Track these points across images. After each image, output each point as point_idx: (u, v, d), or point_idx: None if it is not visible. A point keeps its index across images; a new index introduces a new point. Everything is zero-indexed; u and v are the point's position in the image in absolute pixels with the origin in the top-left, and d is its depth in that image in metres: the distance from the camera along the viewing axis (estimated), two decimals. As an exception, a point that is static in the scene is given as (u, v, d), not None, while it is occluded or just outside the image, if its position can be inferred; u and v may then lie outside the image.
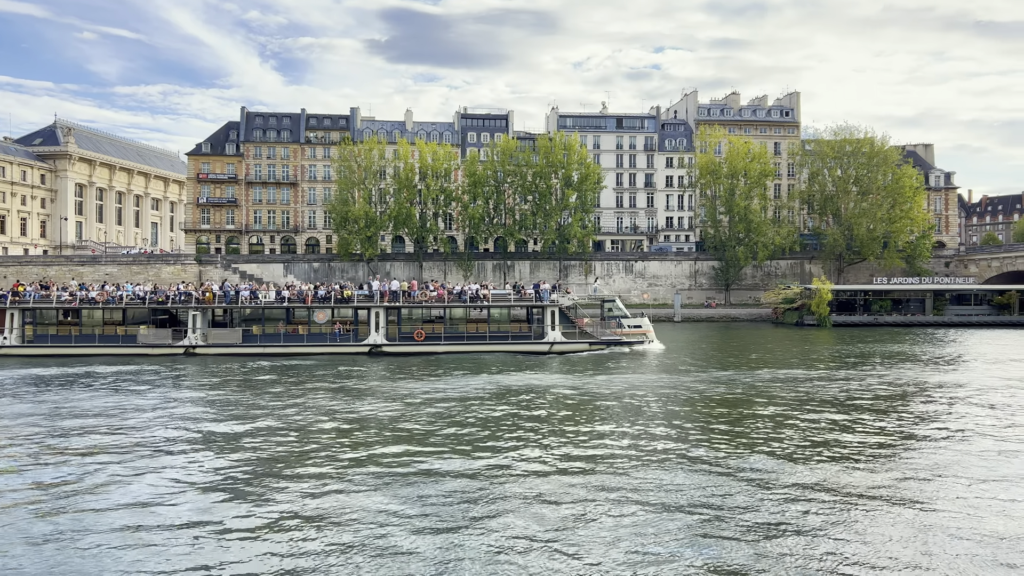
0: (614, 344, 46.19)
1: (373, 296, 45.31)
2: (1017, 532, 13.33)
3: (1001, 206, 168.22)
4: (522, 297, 46.77)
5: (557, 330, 45.50)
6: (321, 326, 45.27)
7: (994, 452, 19.33)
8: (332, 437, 21.48)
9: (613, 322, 47.45)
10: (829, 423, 23.33)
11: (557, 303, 46.09)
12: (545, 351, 44.72)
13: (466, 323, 46.18)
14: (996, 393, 29.56)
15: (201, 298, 45.64)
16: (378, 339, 44.45)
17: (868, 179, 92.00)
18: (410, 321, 46.76)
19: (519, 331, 45.99)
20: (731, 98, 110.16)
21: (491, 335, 45.01)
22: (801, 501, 15.09)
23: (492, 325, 45.70)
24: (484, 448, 19.90)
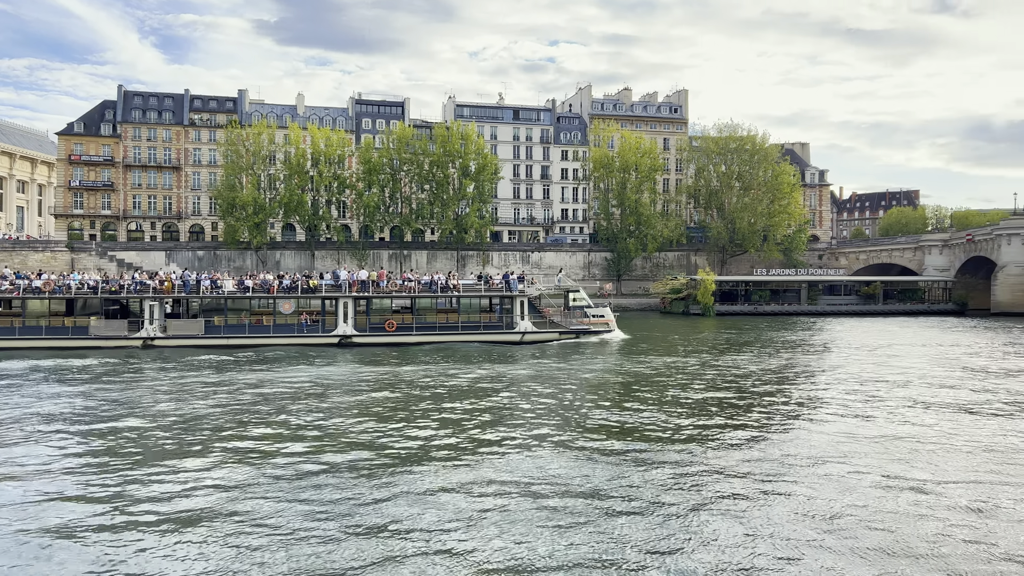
0: (583, 333, 47.04)
1: (341, 286, 44.24)
2: (869, 507, 14.40)
3: (868, 203, 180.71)
4: (491, 287, 47.00)
5: (527, 320, 45.79)
6: (287, 317, 44.03)
7: (859, 431, 20.80)
8: (296, 428, 20.70)
9: (578, 312, 48.30)
10: (730, 406, 24.45)
11: (526, 293, 46.39)
12: (517, 341, 44.87)
13: (436, 313, 46.02)
14: (862, 377, 31.78)
15: (159, 287, 43.39)
16: (348, 330, 43.60)
17: (750, 175, 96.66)
18: (379, 311, 46.16)
19: (490, 321, 46.04)
20: (623, 93, 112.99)
21: (463, 325, 44.87)
22: (694, 482, 15.74)
23: (463, 315, 45.66)
24: (444, 444, 19.70)
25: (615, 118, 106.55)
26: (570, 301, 49.41)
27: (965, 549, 12.09)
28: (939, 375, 32.17)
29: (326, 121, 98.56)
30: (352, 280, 44.57)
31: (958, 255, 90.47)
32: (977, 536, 12.61)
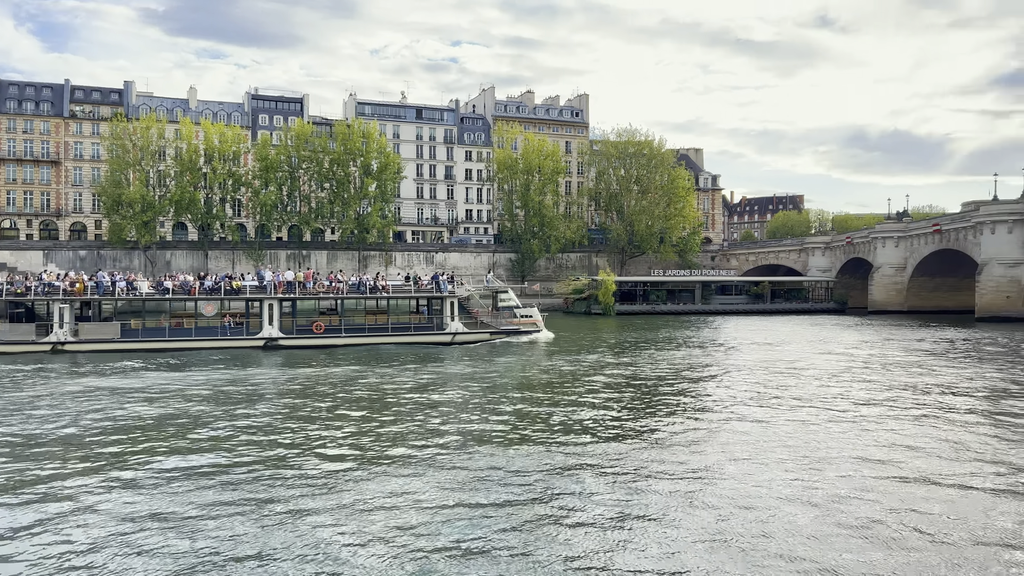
0: (513, 333, 46.86)
1: (266, 287, 42.75)
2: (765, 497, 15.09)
3: (757, 207, 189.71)
4: (420, 288, 46.44)
5: (457, 320, 45.37)
6: (209, 319, 42.32)
7: (752, 425, 21.75)
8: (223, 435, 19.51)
9: (507, 312, 48.24)
10: (640, 403, 25.02)
11: (456, 294, 46.10)
12: (448, 342, 44.41)
13: (365, 315, 45.30)
14: (752, 372, 33.29)
15: (69, 289, 40.54)
16: (273, 332, 42.06)
17: (648, 179, 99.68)
18: (305, 313, 44.87)
19: (420, 322, 45.49)
20: (526, 96, 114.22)
21: (393, 327, 44.32)
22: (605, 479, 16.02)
23: (392, 317, 45.16)
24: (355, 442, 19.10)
25: (518, 120, 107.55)
26: (499, 302, 49.37)
27: (858, 539, 12.81)
28: (825, 369, 34.07)
29: (220, 116, 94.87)
30: (278, 281, 43.41)
31: (839, 257, 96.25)
32: (866, 522, 13.41)
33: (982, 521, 13.17)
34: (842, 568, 11.18)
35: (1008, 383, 29.48)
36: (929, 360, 37.59)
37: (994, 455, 17.82)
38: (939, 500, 14.36)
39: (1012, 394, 26.83)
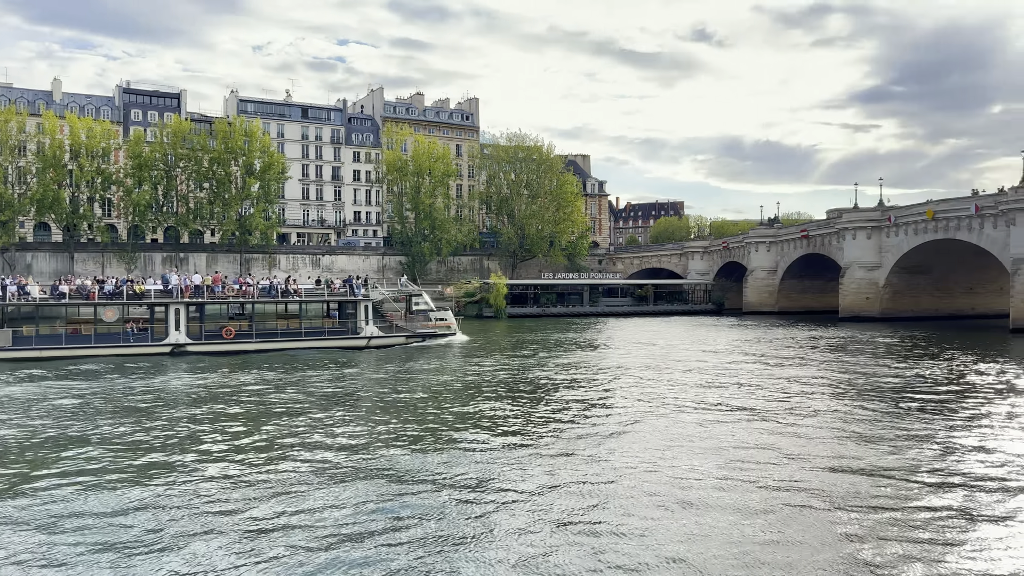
0: (429, 337, 46.80)
1: (172, 291, 41.12)
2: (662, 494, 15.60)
3: (641, 212, 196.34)
4: (333, 291, 45.58)
5: (371, 324, 44.90)
6: (110, 325, 40.37)
7: (638, 422, 22.45)
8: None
9: (421, 315, 48.20)
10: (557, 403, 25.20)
11: (370, 297, 45.65)
12: (363, 346, 43.78)
13: (277, 319, 44.24)
14: (639, 371, 34.39)
15: None
16: (180, 338, 40.46)
17: (537, 184, 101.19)
18: (214, 318, 43.59)
19: (334, 326, 44.77)
20: (416, 98, 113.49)
21: (307, 331, 43.33)
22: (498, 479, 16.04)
23: (305, 321, 44.27)
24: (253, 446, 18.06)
25: (408, 122, 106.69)
26: (413, 305, 49.31)
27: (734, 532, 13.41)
28: (704, 366, 35.63)
29: (88, 110, 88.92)
30: (184, 285, 41.82)
31: (716, 260, 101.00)
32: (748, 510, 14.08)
33: (847, 509, 14.11)
34: (704, 560, 11.68)
35: (867, 378, 31.79)
36: (797, 357, 40.03)
37: (852, 446, 19.15)
38: (803, 491, 15.28)
39: (869, 388, 28.95)
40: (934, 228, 65.26)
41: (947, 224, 63.73)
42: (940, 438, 19.79)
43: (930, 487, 15.38)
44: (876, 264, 72.14)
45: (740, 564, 11.40)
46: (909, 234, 68.48)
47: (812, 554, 11.80)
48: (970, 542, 12.35)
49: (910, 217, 68.41)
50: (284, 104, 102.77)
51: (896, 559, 11.62)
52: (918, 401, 25.57)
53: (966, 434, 20.33)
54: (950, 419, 22.36)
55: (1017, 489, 15.25)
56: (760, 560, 11.55)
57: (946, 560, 11.61)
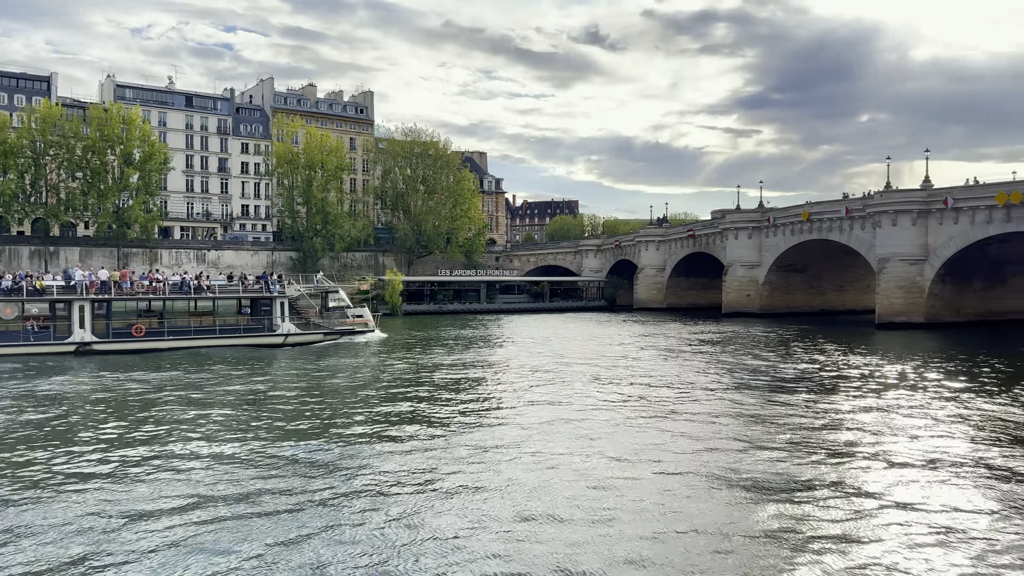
0: (347, 334, 46.24)
1: (75, 287, 39.26)
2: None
3: (537, 210, 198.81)
4: (248, 288, 45.02)
5: (288, 321, 44.28)
6: (8, 323, 38.48)
7: (538, 420, 22.73)
8: None
9: (338, 312, 47.73)
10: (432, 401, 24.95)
11: (286, 294, 45.08)
12: (280, 343, 43.12)
13: (189, 316, 43.23)
14: (537, 366, 34.83)
15: None
16: (86, 336, 38.80)
17: (434, 180, 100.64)
18: (122, 315, 41.62)
19: (249, 323, 43.79)
20: (308, 89, 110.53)
21: (221, 329, 42.47)
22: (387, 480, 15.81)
23: (219, 318, 43.27)
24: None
25: (300, 113, 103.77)
26: (329, 302, 48.65)
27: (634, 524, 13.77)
28: (600, 359, 36.50)
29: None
30: (89, 281, 39.78)
31: (609, 258, 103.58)
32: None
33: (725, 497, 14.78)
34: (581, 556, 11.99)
35: (748, 370, 33.42)
36: (684, 351, 41.61)
37: (736, 432, 20.10)
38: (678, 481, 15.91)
39: (750, 379, 30.46)
40: (809, 229, 69.26)
41: (820, 225, 67.79)
42: (811, 422, 21.06)
43: (802, 464, 16.32)
44: (756, 263, 75.88)
45: (621, 552, 11.72)
46: (786, 234, 72.40)
47: (706, 540, 12.27)
48: (841, 522, 13.18)
49: (787, 218, 72.33)
50: (166, 91, 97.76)
51: (787, 542, 12.24)
52: (792, 390, 27.09)
53: (834, 418, 21.71)
54: (821, 406, 23.82)
55: (878, 465, 16.40)
56: (649, 546, 11.90)
57: (822, 541, 12.33)
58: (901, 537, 12.39)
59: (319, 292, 49.96)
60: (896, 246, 58.13)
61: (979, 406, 24.04)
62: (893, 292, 58.12)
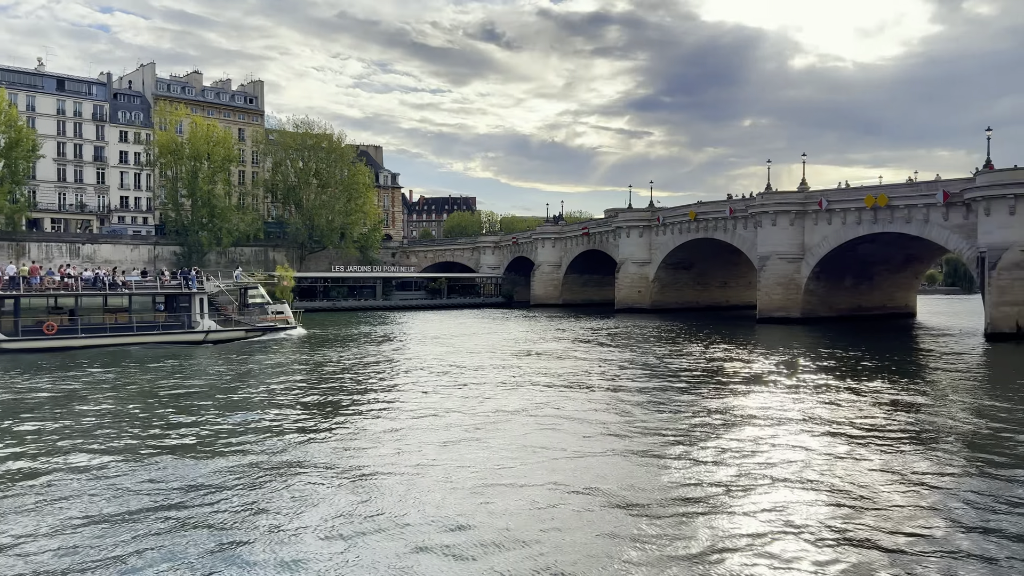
0: (269, 330, 45.90)
1: None
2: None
3: (435, 206, 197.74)
4: (165, 284, 44.02)
5: (208, 318, 43.52)
6: None
7: (449, 410, 22.55)
8: None
9: (258, 308, 47.16)
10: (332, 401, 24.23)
11: (206, 290, 44.35)
12: (200, 340, 42.28)
13: (104, 313, 41.51)
14: (432, 363, 34.60)
15: None
16: None
17: (327, 173, 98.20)
18: (31, 312, 39.79)
19: (167, 320, 42.80)
20: (193, 77, 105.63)
21: (139, 325, 41.30)
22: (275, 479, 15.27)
23: (136, 315, 42.06)
24: None
25: (184, 102, 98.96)
26: (249, 298, 47.97)
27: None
28: (497, 355, 36.65)
29: None
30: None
31: (506, 255, 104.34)
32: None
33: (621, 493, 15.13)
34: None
35: (638, 363, 34.42)
36: (579, 345, 42.43)
37: (627, 422, 20.63)
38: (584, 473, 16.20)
39: (640, 371, 31.38)
40: (696, 228, 72.07)
41: (706, 225, 70.68)
42: (697, 410, 21.89)
43: (686, 449, 16.94)
44: (647, 260, 78.33)
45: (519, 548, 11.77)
46: (675, 233, 75.08)
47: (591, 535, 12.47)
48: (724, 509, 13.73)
49: (676, 218, 75.02)
50: (35, 74, 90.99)
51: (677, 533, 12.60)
52: (677, 382, 28.07)
53: (718, 406, 22.65)
54: (705, 395, 24.80)
55: (760, 448, 17.21)
56: (539, 540, 12.00)
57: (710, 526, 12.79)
58: (775, 534, 12.99)
59: (238, 288, 49.18)
60: (775, 245, 61.32)
61: (843, 395, 25.65)
62: (773, 288, 61.30)
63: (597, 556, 11.41)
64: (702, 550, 11.63)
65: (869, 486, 14.97)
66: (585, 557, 11.36)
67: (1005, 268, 44.22)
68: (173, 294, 43.69)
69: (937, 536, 12.10)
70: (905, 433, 19.89)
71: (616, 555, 11.41)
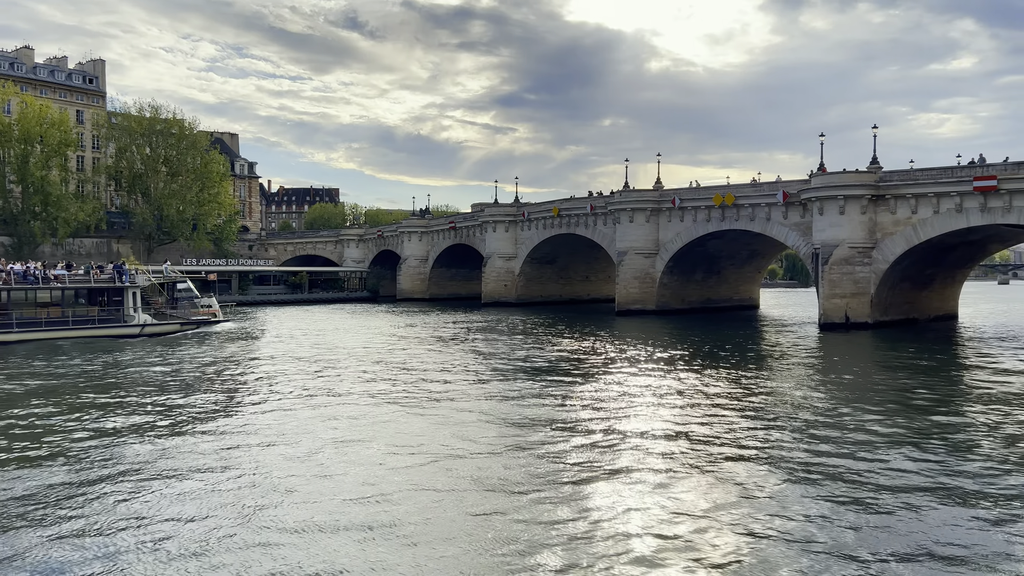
0: (204, 323, 47.28)
1: None
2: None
3: (295, 197, 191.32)
4: (97, 277, 44.14)
5: (141, 311, 44.28)
6: None
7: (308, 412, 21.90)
8: None
9: (187, 302, 48.18)
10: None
11: (137, 284, 44.71)
12: (136, 334, 42.89)
13: (36, 307, 41.73)
14: (296, 361, 33.54)
15: None
16: None
17: (178, 161, 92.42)
18: None
19: (102, 314, 42.95)
20: (23, 52, 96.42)
21: (74, 319, 41.72)
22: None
23: (70, 308, 42.50)
24: None
25: (13, 79, 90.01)
26: (177, 292, 48.79)
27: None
28: (363, 352, 36.03)
29: None
30: None
31: (371, 249, 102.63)
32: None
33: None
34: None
35: (504, 355, 35.00)
36: (446, 339, 42.55)
37: (496, 414, 20.96)
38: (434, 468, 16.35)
39: (506, 362, 31.95)
40: (559, 224, 73.96)
41: (569, 221, 72.69)
42: (558, 397, 22.61)
43: (553, 440, 17.46)
44: (513, 255, 79.57)
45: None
46: (540, 228, 76.70)
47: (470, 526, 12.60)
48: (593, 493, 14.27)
49: (540, 214, 76.65)
50: None
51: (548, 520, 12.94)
52: (540, 371, 28.85)
53: (577, 392, 23.50)
54: (565, 383, 25.62)
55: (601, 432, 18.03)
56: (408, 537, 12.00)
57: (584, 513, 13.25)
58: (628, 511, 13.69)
59: (166, 282, 49.61)
60: (633, 241, 64.05)
61: (692, 379, 27.35)
62: (630, 283, 64.03)
63: (457, 535, 11.56)
64: (564, 531, 12.06)
65: (712, 459, 16.22)
66: (445, 538, 11.49)
67: (836, 263, 48.39)
68: (106, 288, 43.93)
69: (766, 498, 13.23)
70: (747, 408, 21.86)
71: (478, 542, 11.62)
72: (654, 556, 11.31)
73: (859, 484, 14.73)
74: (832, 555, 11.28)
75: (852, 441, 18.15)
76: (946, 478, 15.12)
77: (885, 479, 15.04)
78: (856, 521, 12.66)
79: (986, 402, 23.81)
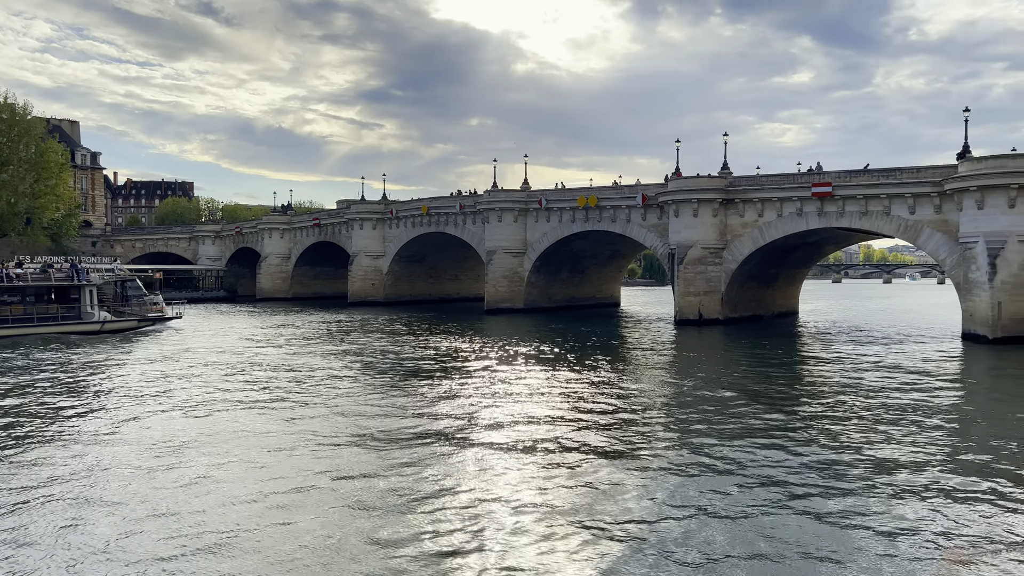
0: (160, 320, 49.40)
1: None
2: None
3: (145, 191, 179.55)
4: (55, 276, 45.51)
5: (99, 308, 45.63)
6: None
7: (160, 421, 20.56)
8: None
9: (137, 300, 49.53)
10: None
11: (93, 282, 46.00)
12: (96, 330, 44.27)
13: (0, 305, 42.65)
14: (144, 364, 31.48)
15: None
16: None
17: (9, 149, 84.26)
18: None
19: (63, 311, 44.35)
20: None
21: (39, 316, 43.18)
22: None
23: (32, 307, 43.55)
24: None
25: None
26: (128, 290, 50.15)
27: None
28: (222, 355, 34.30)
29: None
30: None
31: (229, 246, 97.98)
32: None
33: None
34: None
35: (374, 354, 34.47)
36: (310, 340, 41.34)
37: (368, 418, 20.58)
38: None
39: (376, 363, 31.47)
40: (428, 222, 73.62)
41: (438, 219, 72.52)
42: (421, 398, 22.55)
43: (421, 434, 17.37)
44: (380, 253, 78.42)
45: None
46: (408, 227, 76.04)
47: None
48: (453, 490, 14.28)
49: (409, 212, 75.98)
50: None
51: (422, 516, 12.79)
52: (408, 371, 28.68)
53: (445, 390, 23.53)
54: (434, 381, 25.58)
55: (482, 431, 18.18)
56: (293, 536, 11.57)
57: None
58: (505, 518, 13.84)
59: (116, 280, 50.95)
60: (501, 240, 64.84)
61: (557, 373, 28.09)
62: (499, 281, 64.80)
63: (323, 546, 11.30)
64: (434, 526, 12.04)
65: (575, 447, 16.69)
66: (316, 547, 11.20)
67: (690, 263, 51.07)
68: (65, 286, 45.41)
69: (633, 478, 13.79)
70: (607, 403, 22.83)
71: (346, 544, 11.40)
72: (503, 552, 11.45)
73: (704, 475, 15.58)
74: (673, 550, 11.60)
75: (699, 432, 19.24)
76: (786, 469, 16.22)
77: (731, 469, 15.98)
78: (698, 514, 13.05)
79: (826, 392, 25.95)
